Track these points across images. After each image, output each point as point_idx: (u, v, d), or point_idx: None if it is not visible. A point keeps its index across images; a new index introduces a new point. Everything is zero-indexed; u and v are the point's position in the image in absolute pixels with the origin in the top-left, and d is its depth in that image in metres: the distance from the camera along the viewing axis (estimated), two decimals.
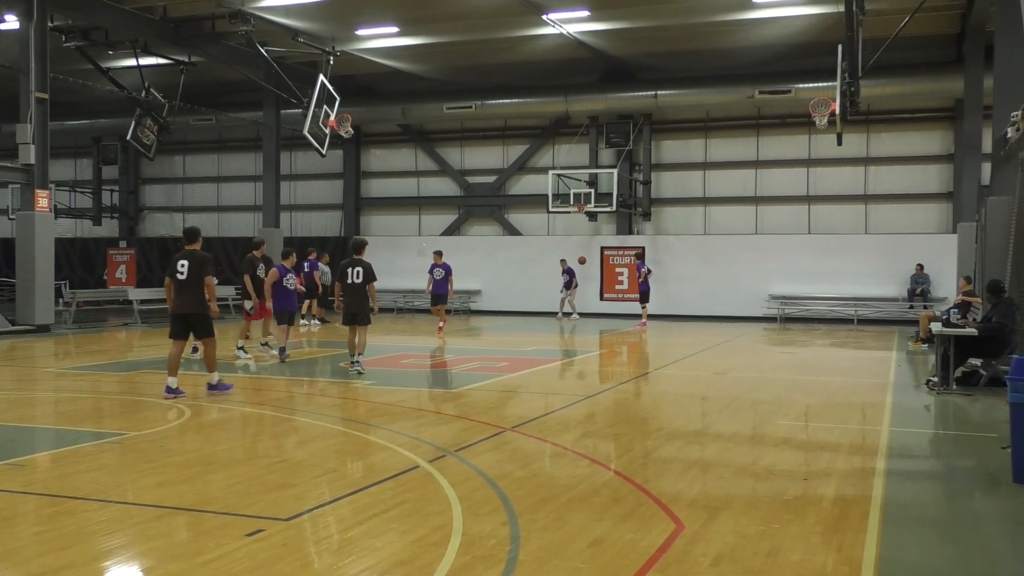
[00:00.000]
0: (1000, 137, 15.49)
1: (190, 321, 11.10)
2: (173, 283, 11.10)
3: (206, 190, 34.68)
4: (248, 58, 24.34)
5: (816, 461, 7.84)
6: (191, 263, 11.00)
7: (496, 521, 5.85)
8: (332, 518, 6.00)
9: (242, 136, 33.16)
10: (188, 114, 27.96)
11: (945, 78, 24.18)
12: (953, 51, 24.32)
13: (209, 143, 34.34)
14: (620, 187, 26.82)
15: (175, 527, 5.74)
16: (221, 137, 34.01)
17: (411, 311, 29.47)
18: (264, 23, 22.60)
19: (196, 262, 11.03)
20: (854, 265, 25.87)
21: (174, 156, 34.60)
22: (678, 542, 5.46)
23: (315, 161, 29.98)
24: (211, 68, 26.17)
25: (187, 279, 10.99)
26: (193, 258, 11.06)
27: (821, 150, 26.55)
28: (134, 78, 25.15)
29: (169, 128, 26.11)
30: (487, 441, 8.54)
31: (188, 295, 11.01)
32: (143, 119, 25.75)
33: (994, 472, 7.40)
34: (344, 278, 13.48)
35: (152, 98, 25.16)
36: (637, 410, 11.06)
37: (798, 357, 17.25)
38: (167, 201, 35.36)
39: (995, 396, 11.11)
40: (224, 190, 34.42)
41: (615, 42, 24.76)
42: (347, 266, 13.54)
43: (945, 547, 5.50)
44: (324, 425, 9.45)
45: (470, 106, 28.46)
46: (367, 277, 13.37)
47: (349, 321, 13.48)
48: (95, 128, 33.52)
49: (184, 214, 34.65)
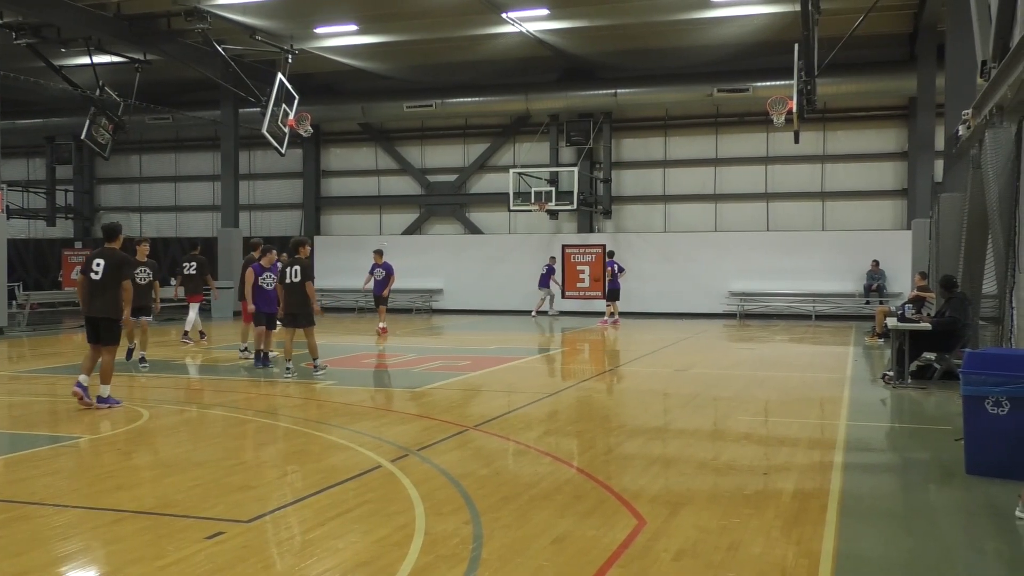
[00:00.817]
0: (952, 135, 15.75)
1: (99, 325, 10.34)
2: (87, 283, 10.31)
3: (163, 190, 34.24)
4: (205, 56, 24.07)
5: (776, 456, 7.93)
6: (107, 263, 10.24)
7: (459, 520, 5.84)
8: (294, 519, 5.96)
9: (200, 135, 32.79)
10: (144, 113, 27.58)
11: (899, 77, 24.56)
12: (906, 50, 24.71)
13: (166, 142, 33.92)
14: (581, 185, 26.92)
15: (133, 531, 5.67)
16: (178, 136, 33.60)
17: (372, 311, 29.31)
18: (221, 21, 22.35)
19: (113, 263, 10.25)
20: (812, 261, 26.19)
21: (130, 155, 34.13)
22: (640, 538, 5.50)
23: (274, 160, 29.74)
24: (167, 66, 25.83)
25: (101, 280, 10.22)
26: (111, 258, 10.28)
27: (779, 148, 26.85)
28: (88, 76, 24.75)
29: (125, 127, 25.74)
30: (449, 440, 8.53)
31: (100, 297, 10.24)
32: (98, 118, 25.36)
33: (948, 464, 7.53)
34: (283, 278, 13.29)
35: (107, 96, 24.77)
36: (599, 407, 11.11)
37: (757, 353, 17.42)
38: (123, 201, 34.86)
39: (949, 389, 11.31)
40: (182, 190, 34.01)
41: (575, 41, 24.83)
42: (286, 266, 13.35)
43: (901, 538, 5.59)
44: (285, 426, 9.38)
45: (430, 105, 28.39)
46: (304, 275, 13.12)
47: (290, 323, 13.28)
48: (48, 127, 32.96)
49: (141, 214, 34.20)
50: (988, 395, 6.91)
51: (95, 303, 10.28)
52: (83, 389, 10.25)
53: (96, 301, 10.27)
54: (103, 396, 10.25)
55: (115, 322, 10.32)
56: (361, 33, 24.00)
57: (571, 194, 26.31)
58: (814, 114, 20.87)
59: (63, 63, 25.16)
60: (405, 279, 29.23)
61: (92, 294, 10.29)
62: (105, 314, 10.25)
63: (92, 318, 10.35)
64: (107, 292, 10.22)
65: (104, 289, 10.22)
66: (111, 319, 10.28)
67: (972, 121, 13.31)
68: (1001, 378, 6.86)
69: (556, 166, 27.89)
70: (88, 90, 24.64)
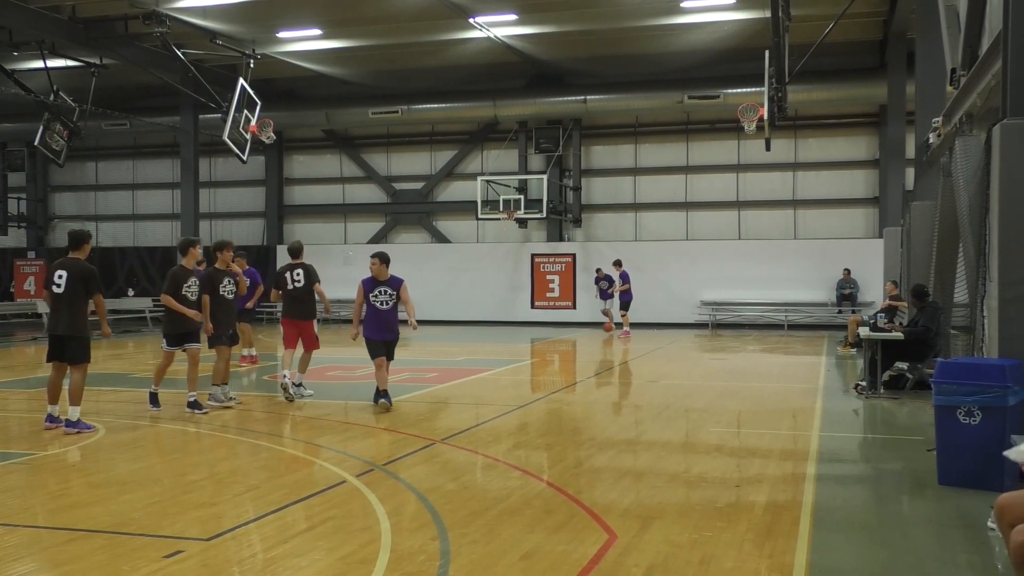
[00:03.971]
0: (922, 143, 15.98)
1: (64, 343, 9.63)
2: (49, 297, 9.68)
3: (120, 198, 33.89)
4: (164, 61, 23.87)
5: (748, 467, 7.98)
6: (70, 275, 9.52)
7: (425, 536, 5.82)
8: (255, 537, 5.91)
9: (159, 141, 32.51)
10: (101, 118, 27.28)
11: (869, 84, 24.89)
12: (877, 57, 25.06)
13: (123, 149, 33.60)
14: (550, 193, 27.00)
15: (88, 550, 5.59)
16: (136, 143, 33.29)
17: (337, 321, 29.18)
18: (180, 24, 22.19)
19: (77, 275, 9.53)
20: (784, 270, 26.42)
21: (86, 162, 33.76)
22: (611, 553, 5.51)
23: (236, 167, 29.55)
24: (125, 71, 25.60)
25: (64, 293, 9.53)
26: (74, 269, 9.57)
27: (750, 156, 27.11)
28: (42, 81, 24.46)
29: (80, 133, 25.43)
30: (416, 454, 8.50)
31: (62, 313, 9.55)
32: (52, 124, 25.02)
33: (920, 475, 7.62)
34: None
35: (61, 102, 24.47)
36: (569, 419, 11.12)
37: (729, 363, 17.53)
38: (79, 210, 34.45)
39: (921, 399, 11.44)
40: (140, 198, 33.69)
41: (544, 46, 24.94)
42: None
43: (874, 550, 5.65)
44: (247, 440, 9.30)
45: (396, 111, 28.36)
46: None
47: None
48: (0, 133, 32.53)
49: (97, 223, 33.81)
50: (960, 405, 7.01)
51: (59, 320, 9.58)
52: (55, 421, 9.63)
53: (60, 317, 9.56)
54: (72, 420, 9.49)
55: (82, 339, 9.62)
56: (325, 38, 23.93)
57: (540, 202, 26.40)
58: (785, 121, 21.10)
59: (15, 67, 24.85)
60: None
61: (55, 309, 9.61)
62: (69, 332, 9.57)
63: (55, 336, 9.70)
64: (72, 307, 9.56)
65: (69, 304, 9.54)
66: (75, 336, 9.58)
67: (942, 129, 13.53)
68: (972, 388, 6.96)
69: (525, 174, 27.98)
70: (42, 95, 24.34)
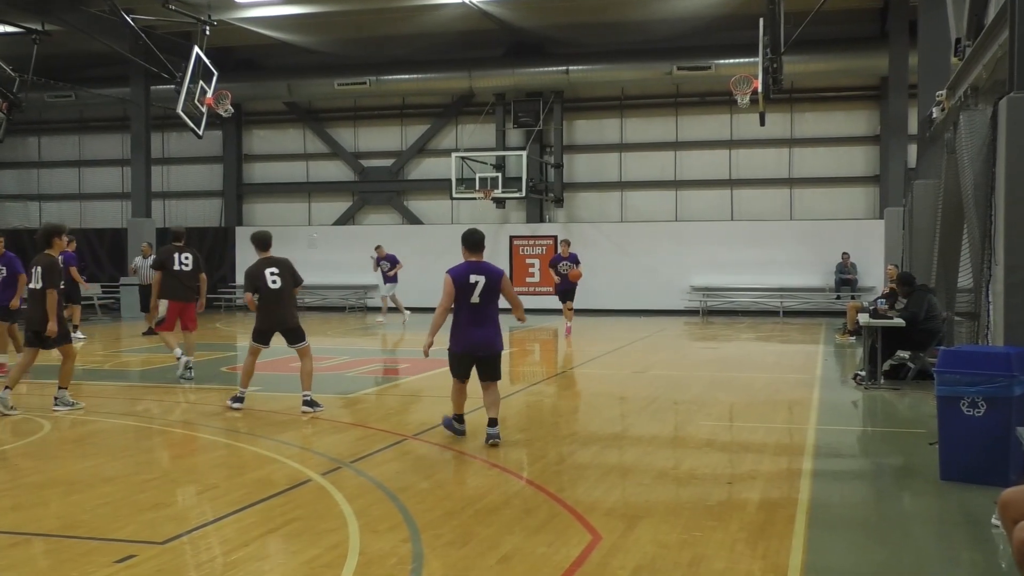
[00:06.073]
0: (925, 117, 16.09)
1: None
2: None
3: (66, 176, 33.56)
4: (112, 27, 23.58)
5: (740, 463, 8.04)
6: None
7: (397, 538, 5.84)
8: (214, 539, 5.91)
9: (107, 115, 32.19)
10: (43, 89, 26.94)
11: (869, 55, 24.97)
12: (877, 26, 25.14)
13: (69, 123, 33.25)
14: (530, 171, 26.95)
15: (33, 555, 5.57)
16: (82, 116, 32.96)
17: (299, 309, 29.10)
18: None
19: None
20: (779, 254, 26.53)
21: (28, 137, 33.36)
22: (595, 554, 5.54)
23: (190, 143, 29.22)
24: (70, 38, 25.29)
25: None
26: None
27: (744, 131, 27.16)
28: None
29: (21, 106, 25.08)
30: (387, 451, 8.51)
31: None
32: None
33: (922, 469, 7.71)
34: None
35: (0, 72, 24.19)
36: (550, 413, 11.15)
37: (721, 353, 17.62)
38: (20, 188, 34.10)
39: (923, 390, 11.56)
40: (87, 176, 33.38)
41: (522, 13, 24.85)
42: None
43: (873, 550, 5.71)
44: (204, 437, 9.27)
45: (364, 82, 28.19)
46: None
47: None
48: None
49: (41, 203, 33.49)
50: (963, 396, 7.08)
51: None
52: None
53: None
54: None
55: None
56: (287, 2, 23.73)
57: (519, 180, 26.31)
58: (781, 94, 21.13)
59: None
60: (337, 274, 29.15)
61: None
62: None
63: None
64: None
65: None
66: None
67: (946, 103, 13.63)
68: (977, 377, 7.02)
69: (503, 150, 27.88)
70: None
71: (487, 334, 8.70)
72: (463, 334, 8.68)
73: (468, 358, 8.75)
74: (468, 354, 8.72)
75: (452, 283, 8.59)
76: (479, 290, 8.58)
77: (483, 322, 8.66)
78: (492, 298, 8.70)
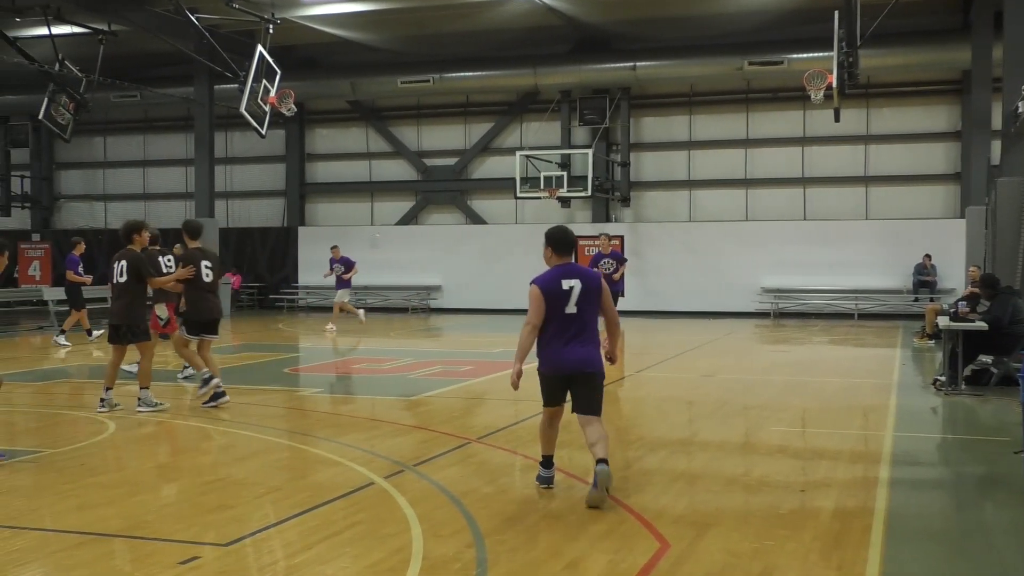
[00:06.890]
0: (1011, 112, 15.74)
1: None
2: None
3: (131, 176, 34.29)
4: (177, 27, 24.05)
5: (814, 471, 7.93)
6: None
7: (460, 543, 5.86)
8: (277, 542, 5.98)
9: (171, 115, 32.81)
10: (109, 90, 27.56)
11: (951, 47, 24.47)
12: (959, 17, 24.63)
13: (134, 123, 33.96)
14: (596, 169, 26.85)
15: (98, 556, 5.68)
16: (147, 116, 33.64)
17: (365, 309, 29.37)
18: None
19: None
20: (854, 254, 26.12)
21: (94, 137, 34.17)
22: (663, 563, 5.50)
23: (254, 142, 29.69)
24: (135, 38, 25.85)
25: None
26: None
27: (817, 127, 26.77)
28: (46, 49, 24.73)
29: (87, 106, 25.72)
30: (450, 454, 8.54)
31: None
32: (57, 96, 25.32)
33: (1006, 479, 7.53)
34: None
35: (67, 72, 24.75)
36: (617, 417, 11.11)
37: (793, 356, 17.41)
38: (86, 188, 34.93)
39: (1007, 396, 11.28)
40: (151, 175, 34.07)
41: (588, 8, 24.79)
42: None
43: (955, 562, 5.60)
44: (266, 439, 9.40)
45: (427, 80, 28.36)
46: None
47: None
48: (2, 106, 33.03)
49: (106, 203, 34.26)
50: None
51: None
52: None
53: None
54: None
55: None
56: (350, 0, 23.98)
57: (585, 179, 26.23)
58: (856, 89, 20.78)
59: (17, 34, 25.18)
60: (400, 275, 29.37)
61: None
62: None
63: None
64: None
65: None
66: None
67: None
68: None
69: (568, 148, 27.84)
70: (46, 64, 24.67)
71: (587, 352, 7.19)
72: (554, 351, 7.16)
73: (561, 380, 7.28)
74: (560, 375, 7.24)
75: (540, 294, 7.02)
76: (575, 297, 7.05)
77: (580, 334, 7.12)
78: (591, 307, 7.14)
